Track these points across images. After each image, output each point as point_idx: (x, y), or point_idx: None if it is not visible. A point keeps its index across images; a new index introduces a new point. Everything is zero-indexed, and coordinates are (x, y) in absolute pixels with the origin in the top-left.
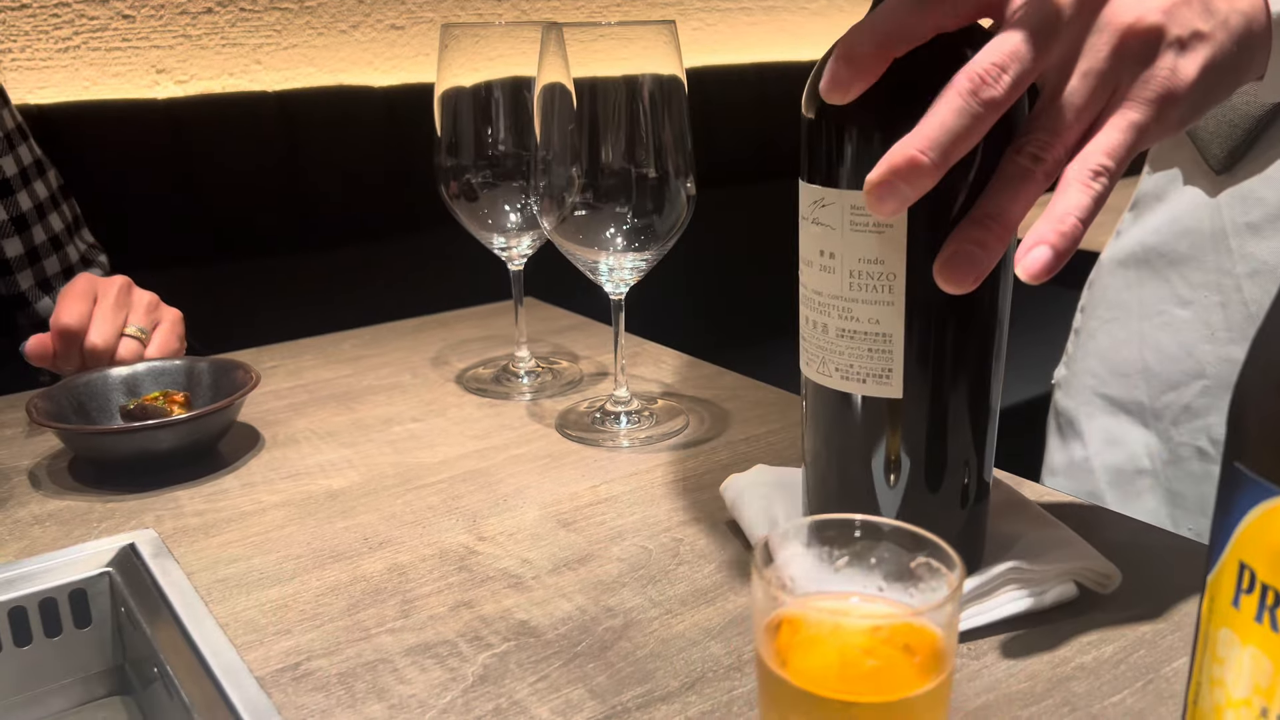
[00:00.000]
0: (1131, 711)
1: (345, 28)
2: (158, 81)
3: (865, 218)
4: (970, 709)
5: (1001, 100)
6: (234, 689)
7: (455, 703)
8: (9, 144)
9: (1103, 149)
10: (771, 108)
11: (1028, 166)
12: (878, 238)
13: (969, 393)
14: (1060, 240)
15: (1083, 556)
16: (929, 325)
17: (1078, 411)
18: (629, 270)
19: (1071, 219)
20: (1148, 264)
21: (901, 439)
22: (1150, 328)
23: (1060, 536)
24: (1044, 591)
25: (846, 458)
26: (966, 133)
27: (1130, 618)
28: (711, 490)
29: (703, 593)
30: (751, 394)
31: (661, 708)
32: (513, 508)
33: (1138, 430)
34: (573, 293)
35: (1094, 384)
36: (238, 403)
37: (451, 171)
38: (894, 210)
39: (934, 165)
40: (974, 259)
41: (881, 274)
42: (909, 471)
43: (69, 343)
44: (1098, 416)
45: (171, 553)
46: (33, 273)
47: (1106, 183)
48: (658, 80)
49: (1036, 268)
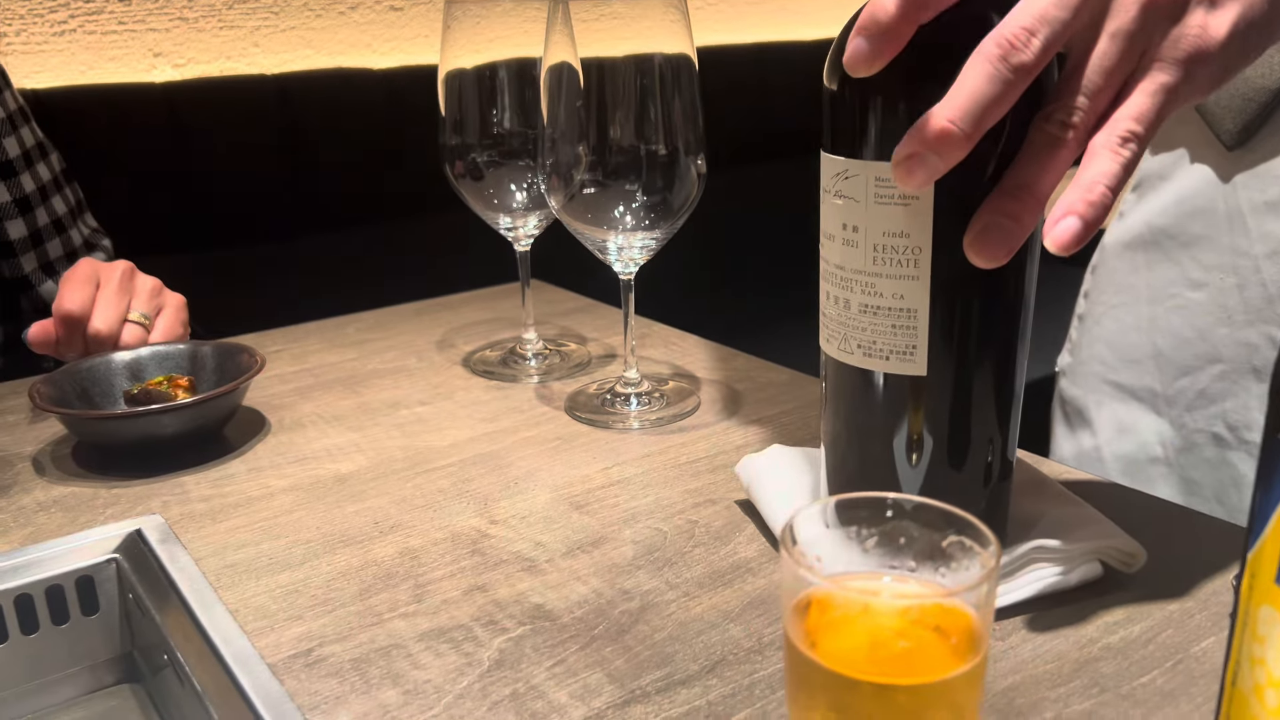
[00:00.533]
0: (1162, 692)
1: (343, 9)
2: (155, 65)
3: (890, 190)
4: (997, 690)
5: (1032, 65)
6: (246, 676)
7: (472, 688)
8: (11, 125)
9: (1131, 114)
10: (774, 88)
11: (1057, 134)
12: (903, 210)
13: (994, 369)
14: (1089, 210)
15: (1107, 535)
16: (954, 300)
17: (1086, 400)
18: (638, 249)
19: (1100, 187)
20: (1156, 246)
21: (925, 417)
22: (1161, 311)
23: (1083, 514)
24: (1069, 571)
25: (868, 437)
26: (997, 100)
27: (1156, 597)
28: (725, 472)
29: (720, 575)
30: (763, 375)
31: (682, 691)
32: (524, 491)
33: (1150, 418)
34: (579, 276)
35: (1102, 371)
36: (243, 386)
37: (456, 150)
38: (923, 182)
39: (965, 135)
40: (1007, 231)
41: (907, 248)
42: (931, 450)
43: (72, 329)
44: (1107, 404)
45: (179, 538)
46: (36, 255)
47: (1136, 149)
48: (667, 55)
49: (1066, 238)
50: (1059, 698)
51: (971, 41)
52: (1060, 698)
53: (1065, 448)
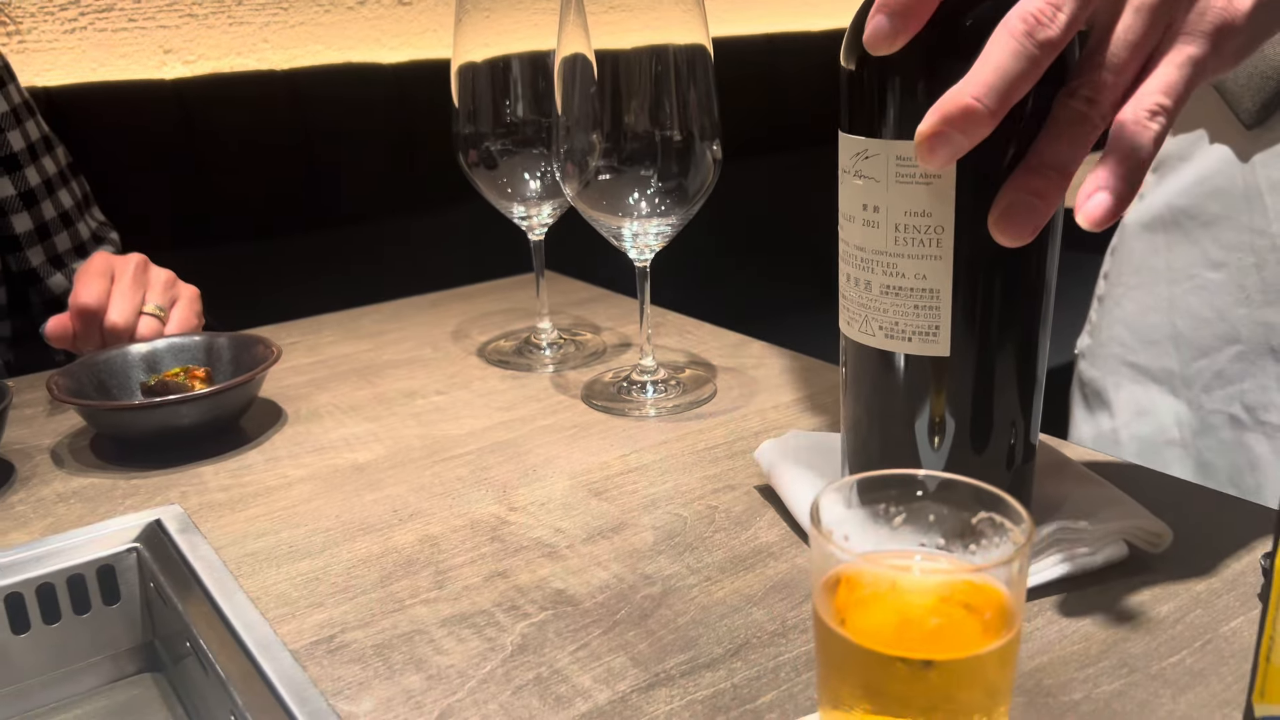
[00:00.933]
0: (1192, 671)
1: (353, 4)
2: (165, 61)
3: (911, 169)
4: (1025, 670)
5: (1058, 40)
6: (269, 662)
7: (495, 672)
8: (15, 119)
9: (1159, 88)
10: (786, 78)
11: (1082, 110)
12: (925, 189)
13: (1017, 350)
14: (1120, 185)
15: (1132, 515)
16: (977, 280)
17: (1104, 381)
18: (654, 236)
19: (1131, 161)
20: (1176, 226)
21: (947, 398)
22: (1180, 292)
23: (1107, 495)
24: (1095, 552)
25: (889, 419)
26: (1022, 77)
27: (1183, 577)
28: (744, 457)
29: (741, 559)
30: (779, 362)
31: (706, 674)
32: (542, 478)
33: (1167, 399)
34: (592, 267)
35: (1121, 352)
36: (259, 377)
37: (470, 139)
38: (946, 161)
39: (990, 112)
40: (1032, 209)
41: (929, 227)
42: (954, 432)
43: (88, 322)
44: (1125, 386)
45: (198, 528)
46: (43, 249)
47: (1164, 122)
48: (682, 45)
49: (1099, 214)
50: (1088, 678)
51: (994, 17)
52: (1089, 678)
53: (1084, 429)
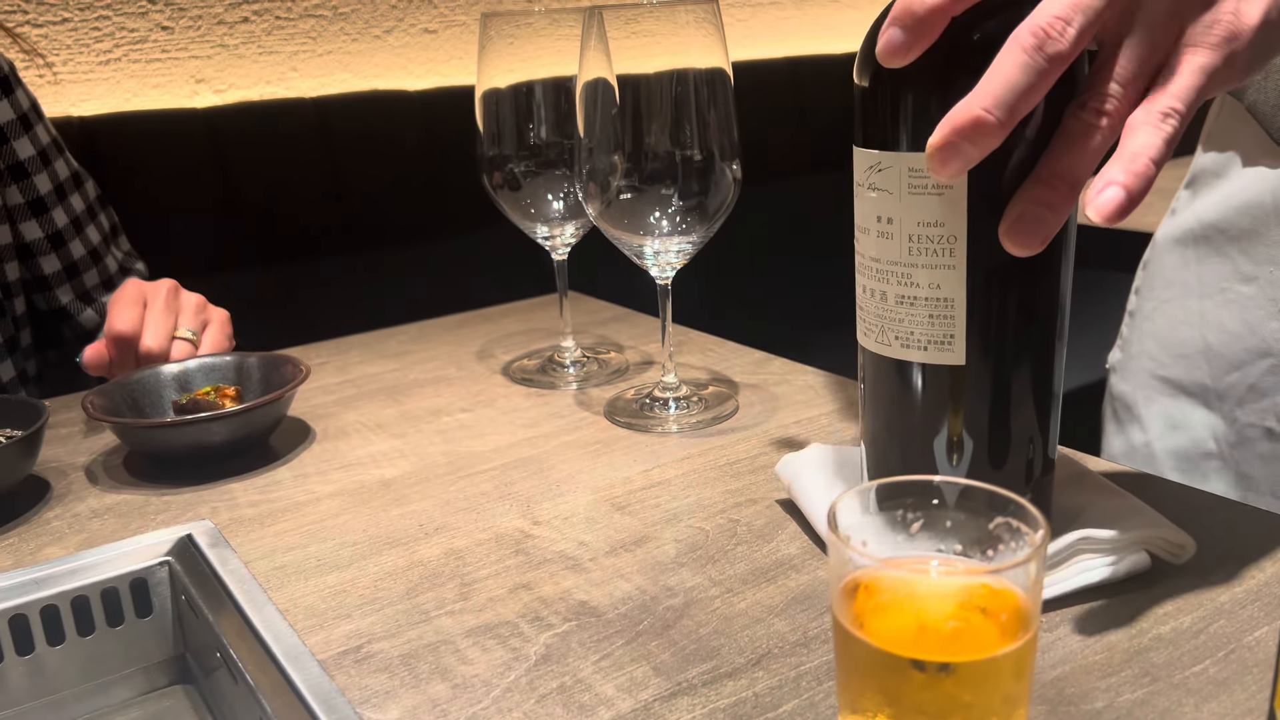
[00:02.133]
0: (1215, 680)
1: (379, 33)
2: (197, 91)
3: (924, 180)
4: (1046, 680)
5: (1067, 53)
6: (298, 672)
7: (519, 681)
8: (43, 161)
9: (1171, 92)
10: (807, 101)
11: (1092, 122)
12: (938, 200)
13: (1032, 358)
14: (1133, 180)
15: (1155, 525)
16: (991, 289)
17: (1135, 395)
18: (675, 254)
19: (1144, 159)
20: (1207, 241)
21: (964, 407)
22: (1211, 306)
23: (1128, 505)
24: (1117, 561)
25: (907, 429)
26: (1031, 89)
27: (1206, 587)
28: (766, 472)
29: (763, 571)
30: (801, 378)
31: (728, 684)
32: (566, 493)
33: (1201, 412)
34: (614, 288)
35: (1152, 366)
36: (289, 395)
37: (494, 161)
38: (957, 172)
39: (999, 124)
40: (1041, 220)
41: (942, 237)
42: (971, 442)
43: (124, 349)
44: (1157, 400)
45: (228, 542)
46: (72, 287)
47: (1176, 124)
48: (702, 69)
49: (1110, 208)
50: (1109, 687)
51: (1004, 31)
52: (1111, 687)
53: (1115, 444)
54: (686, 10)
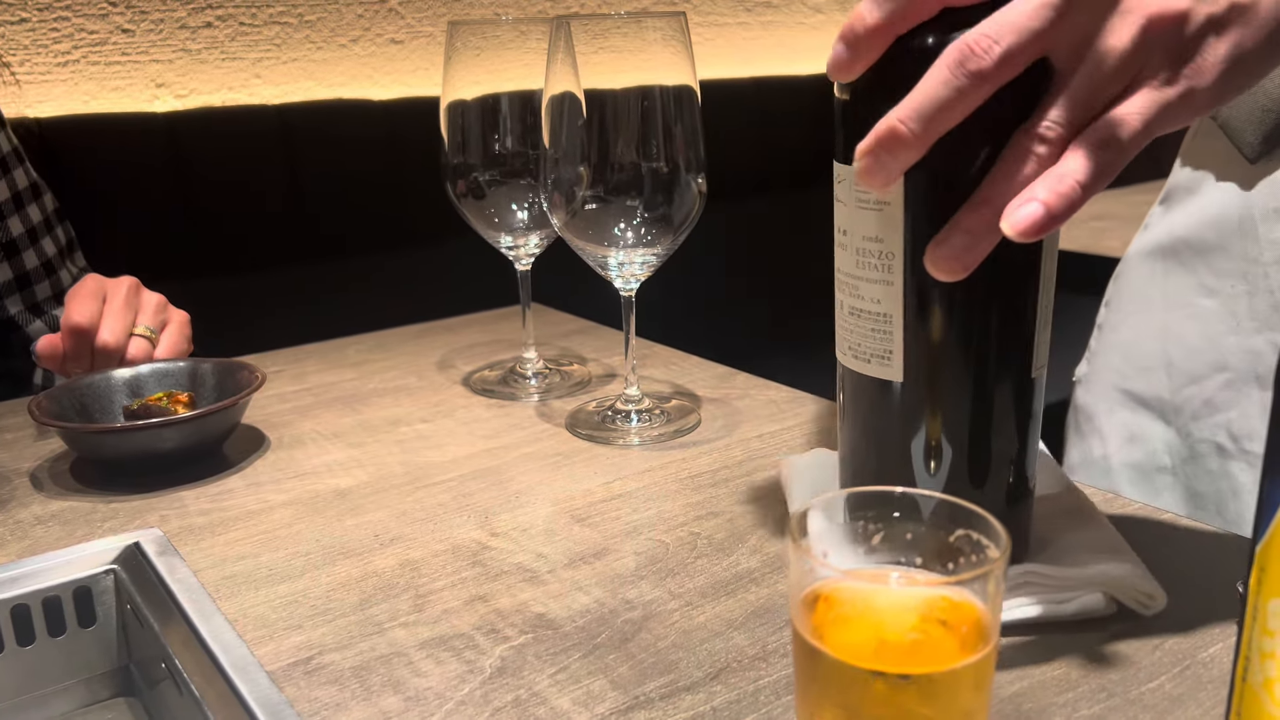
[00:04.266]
0: (1170, 696)
1: (345, 42)
2: (157, 95)
3: (868, 194)
4: (1005, 695)
5: (989, 72)
6: (246, 684)
7: (473, 694)
8: (4, 168)
9: (1117, 120)
10: (771, 121)
11: (1030, 148)
12: (876, 215)
13: (970, 377)
14: (1055, 200)
15: (1125, 571)
16: (929, 307)
17: (1097, 407)
18: (639, 265)
19: (1071, 180)
20: (1175, 255)
21: (901, 422)
22: (1175, 320)
23: (1106, 543)
24: (1067, 601)
25: (864, 439)
26: (950, 105)
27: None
28: (727, 486)
29: (723, 585)
30: (764, 393)
31: (686, 698)
32: (525, 504)
33: (1158, 426)
34: (578, 300)
35: (1115, 379)
36: (243, 402)
37: (458, 170)
38: (882, 183)
39: (914, 136)
40: (966, 246)
41: (881, 252)
42: (920, 457)
43: (80, 342)
44: (1118, 412)
45: (178, 551)
46: (22, 298)
47: (1114, 157)
48: (670, 77)
49: (1025, 224)
50: (1067, 703)
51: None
52: (1069, 703)
53: (1074, 455)
54: (654, 27)
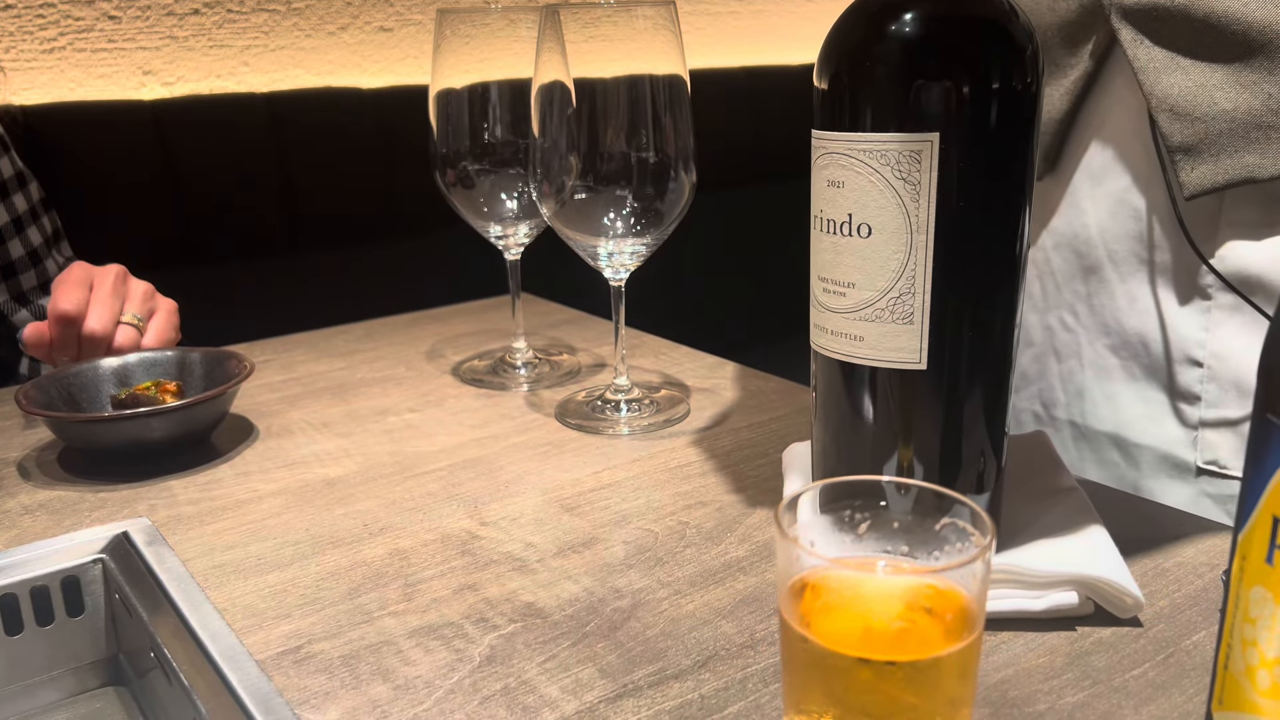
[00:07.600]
0: (1154, 684)
1: (333, 29)
2: (144, 83)
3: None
4: (990, 683)
5: None
6: (234, 672)
7: (463, 683)
8: None
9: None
10: (763, 110)
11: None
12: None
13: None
14: None
15: (1104, 574)
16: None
17: None
18: (629, 255)
19: None
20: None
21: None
22: None
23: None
24: (1038, 597)
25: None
26: None
27: (1146, 592)
28: (716, 475)
29: (711, 574)
30: (753, 383)
31: (674, 685)
32: (514, 494)
33: None
34: (568, 290)
35: None
36: (231, 391)
37: (448, 159)
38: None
39: None
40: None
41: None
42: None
43: (66, 329)
44: None
45: (166, 540)
46: (7, 287)
47: None
48: (660, 66)
49: None
50: (1052, 690)
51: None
52: (1053, 690)
53: None
54: (644, 16)
